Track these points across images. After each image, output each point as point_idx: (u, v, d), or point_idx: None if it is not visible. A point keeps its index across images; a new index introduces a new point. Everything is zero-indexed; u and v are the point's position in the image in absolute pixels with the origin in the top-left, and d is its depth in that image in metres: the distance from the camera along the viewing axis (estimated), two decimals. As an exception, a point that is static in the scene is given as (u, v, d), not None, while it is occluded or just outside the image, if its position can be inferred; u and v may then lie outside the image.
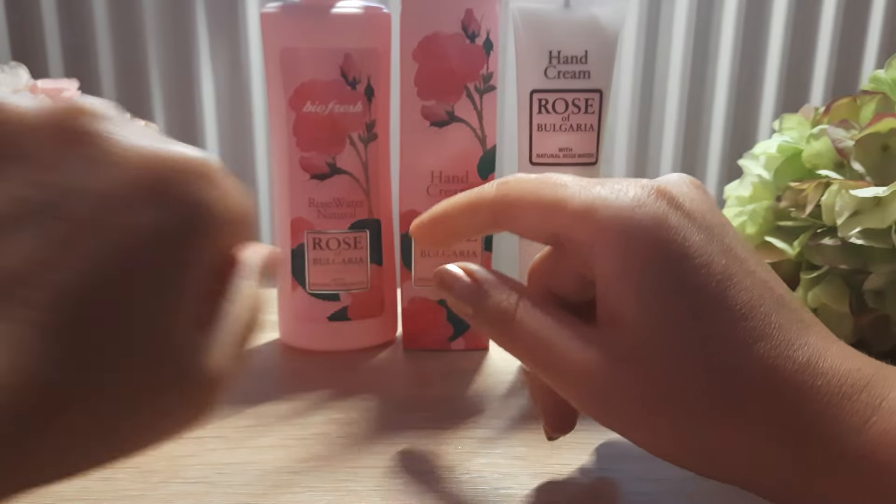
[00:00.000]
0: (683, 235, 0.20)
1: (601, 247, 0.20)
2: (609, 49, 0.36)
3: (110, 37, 0.61)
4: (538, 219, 0.22)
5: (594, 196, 0.21)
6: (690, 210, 0.20)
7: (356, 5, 0.36)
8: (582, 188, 0.22)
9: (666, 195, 0.21)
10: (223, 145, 0.64)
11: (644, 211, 0.20)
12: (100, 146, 0.15)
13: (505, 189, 0.23)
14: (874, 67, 0.64)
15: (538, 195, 0.22)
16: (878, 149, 0.38)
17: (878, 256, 0.37)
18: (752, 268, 0.20)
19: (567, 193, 0.22)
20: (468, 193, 0.24)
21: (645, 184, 0.21)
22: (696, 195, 0.21)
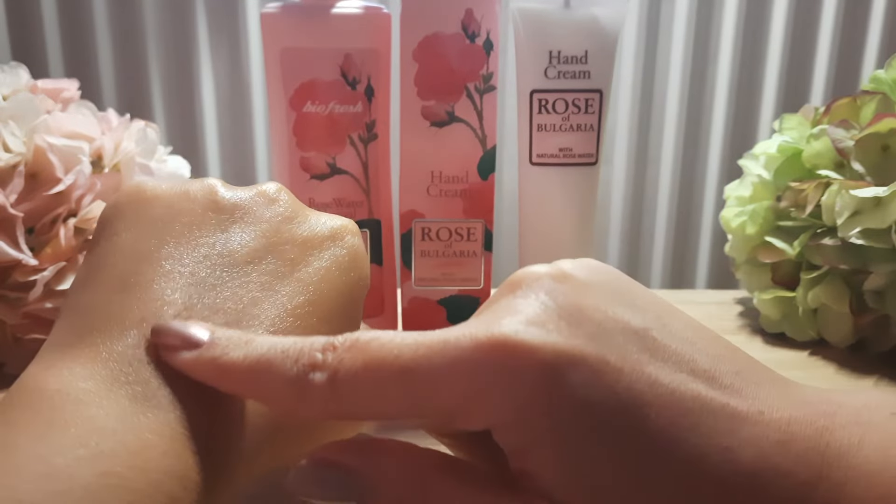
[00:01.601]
0: (568, 386, 0.16)
1: (499, 428, 0.17)
2: (609, 49, 0.36)
3: (110, 37, 0.61)
4: (403, 407, 0.17)
5: (457, 368, 0.17)
6: (560, 349, 0.17)
7: (356, 5, 0.36)
8: (440, 369, 0.17)
9: (526, 350, 0.17)
10: (223, 145, 0.64)
11: (516, 383, 0.16)
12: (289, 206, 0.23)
13: (345, 377, 0.17)
14: (874, 68, 0.64)
15: (393, 382, 0.17)
16: (878, 149, 0.38)
17: (878, 256, 0.37)
18: (652, 369, 0.17)
19: (428, 373, 0.17)
20: (283, 382, 0.17)
21: (504, 341, 0.17)
22: (556, 309, 0.18)
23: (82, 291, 0.20)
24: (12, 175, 0.34)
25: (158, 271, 0.19)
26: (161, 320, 0.18)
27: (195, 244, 0.20)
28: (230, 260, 0.20)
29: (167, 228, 0.20)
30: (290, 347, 0.17)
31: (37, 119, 0.36)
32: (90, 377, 0.17)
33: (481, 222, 0.38)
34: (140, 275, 0.19)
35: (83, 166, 0.36)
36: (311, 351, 0.17)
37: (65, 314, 0.20)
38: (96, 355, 0.18)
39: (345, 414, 0.17)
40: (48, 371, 0.17)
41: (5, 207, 0.34)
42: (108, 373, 0.17)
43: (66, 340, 0.18)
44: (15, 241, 0.34)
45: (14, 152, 0.35)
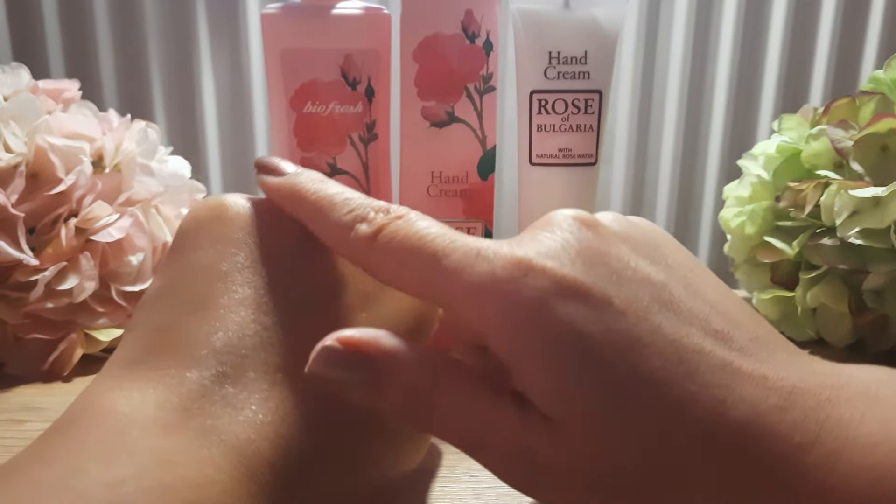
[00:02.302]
0: (568, 315, 0.17)
1: (495, 341, 0.18)
2: (609, 49, 0.36)
3: (111, 38, 0.61)
4: (419, 290, 0.19)
5: (474, 277, 0.18)
6: (569, 278, 0.17)
7: (356, 6, 0.36)
8: (461, 265, 0.18)
9: (539, 271, 0.18)
10: (224, 146, 0.64)
11: (521, 299, 0.17)
12: None
13: (380, 245, 0.19)
14: (873, 68, 0.64)
15: (416, 263, 0.18)
16: (877, 149, 0.38)
17: (876, 256, 0.37)
18: (659, 319, 0.18)
19: (447, 267, 0.18)
20: (332, 229, 0.19)
21: (518, 263, 0.18)
22: (575, 246, 0.18)
23: (156, 307, 0.20)
24: (13, 175, 0.35)
25: (234, 297, 0.19)
26: (238, 351, 0.19)
27: (275, 272, 0.20)
28: (310, 294, 0.20)
29: (248, 251, 0.20)
30: (353, 198, 0.20)
31: (38, 119, 0.36)
32: (160, 405, 0.17)
33: (481, 222, 0.38)
34: (215, 299, 0.19)
35: (84, 166, 0.36)
36: (367, 207, 0.19)
37: (136, 327, 0.19)
38: (168, 381, 0.18)
39: (375, 269, 0.19)
40: (118, 391, 0.18)
41: (6, 207, 0.34)
42: (178, 401, 0.17)
43: (137, 357, 0.19)
44: (16, 241, 0.34)
45: (15, 152, 0.35)
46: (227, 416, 0.18)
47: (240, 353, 0.19)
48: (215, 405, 0.18)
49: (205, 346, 0.18)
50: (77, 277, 0.35)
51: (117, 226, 0.36)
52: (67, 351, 0.36)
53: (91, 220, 0.36)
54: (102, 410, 0.17)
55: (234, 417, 0.18)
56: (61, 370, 0.36)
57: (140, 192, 0.38)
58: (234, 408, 0.18)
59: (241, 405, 0.18)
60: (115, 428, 0.17)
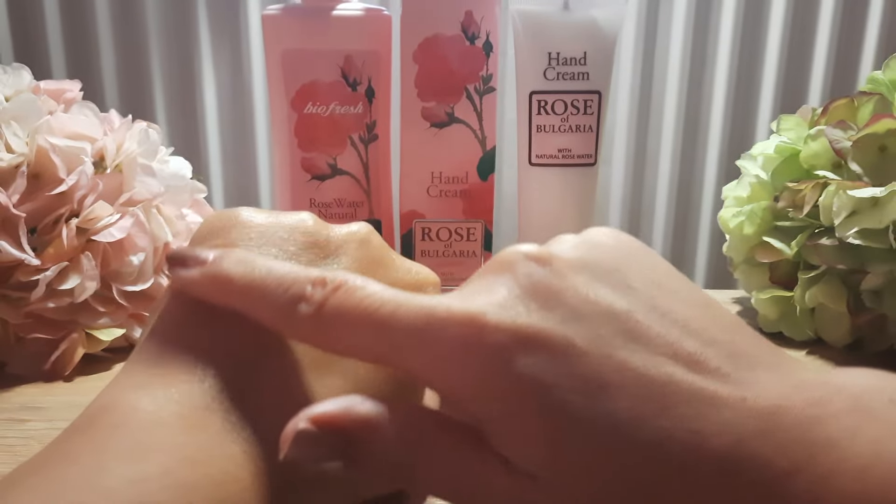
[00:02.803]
0: (529, 368, 0.16)
1: (460, 401, 0.17)
2: (608, 51, 0.36)
3: (112, 38, 0.62)
4: (375, 357, 0.18)
5: (432, 346, 0.17)
6: (524, 329, 0.17)
7: (357, 7, 0.36)
8: (416, 334, 0.17)
9: (493, 329, 0.17)
10: (225, 146, 0.65)
11: (480, 360, 0.17)
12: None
13: (327, 314, 0.18)
14: (872, 69, 0.64)
15: (369, 330, 0.17)
16: (876, 149, 0.38)
17: (875, 256, 0.37)
18: (624, 354, 0.17)
19: (401, 336, 0.17)
20: (273, 306, 0.18)
21: (473, 319, 0.17)
22: (528, 291, 0.18)
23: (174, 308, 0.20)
24: (15, 175, 0.35)
25: None
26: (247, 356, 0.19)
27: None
28: None
29: (260, 254, 0.20)
30: (285, 276, 0.18)
31: (39, 120, 0.36)
32: (182, 403, 0.17)
33: (481, 222, 0.38)
34: None
35: (85, 167, 0.36)
36: (303, 283, 0.18)
37: (156, 328, 0.20)
38: (190, 379, 0.18)
39: (326, 347, 0.18)
40: (141, 390, 0.18)
41: (8, 208, 0.34)
42: (200, 399, 0.18)
43: (158, 357, 0.19)
44: (17, 241, 0.34)
45: (17, 153, 0.35)
46: (249, 414, 0.18)
47: (258, 351, 0.19)
48: (236, 403, 0.18)
49: (222, 348, 0.19)
50: (78, 277, 0.35)
51: (118, 226, 0.36)
52: (69, 351, 0.36)
53: (92, 220, 0.36)
54: (125, 409, 0.17)
55: (257, 414, 0.18)
56: (62, 370, 0.36)
57: (141, 193, 0.38)
58: (255, 404, 0.18)
59: (261, 402, 0.18)
60: (139, 426, 0.17)
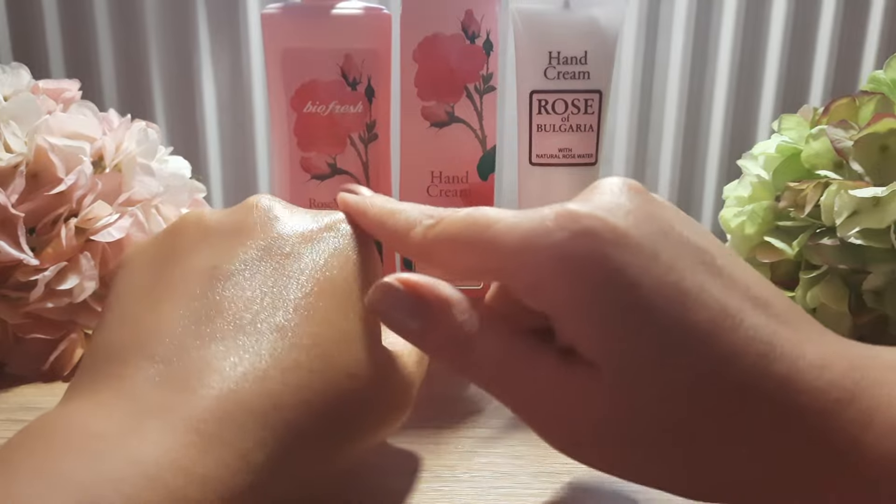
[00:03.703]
0: (621, 263, 0.18)
1: (543, 290, 0.19)
2: (608, 49, 0.36)
3: (111, 37, 0.61)
4: (472, 265, 0.20)
5: (523, 235, 0.19)
6: (621, 229, 0.18)
7: (356, 6, 0.36)
8: (509, 226, 0.19)
9: (593, 220, 0.19)
10: (224, 146, 0.64)
11: (575, 246, 0.18)
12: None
13: (432, 235, 0.21)
14: (873, 68, 0.64)
15: (467, 238, 0.20)
16: (877, 149, 0.38)
17: (876, 256, 0.37)
18: (703, 278, 0.18)
19: (494, 233, 0.19)
20: (392, 235, 0.22)
21: (571, 214, 0.19)
22: (627, 205, 0.19)
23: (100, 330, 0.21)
24: (13, 175, 0.35)
25: (160, 305, 0.20)
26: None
27: (191, 267, 0.21)
28: (229, 271, 0.21)
29: (166, 263, 0.21)
30: (408, 209, 0.22)
31: (38, 119, 0.36)
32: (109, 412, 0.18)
33: (481, 222, 0.38)
34: (153, 303, 0.20)
35: (84, 166, 0.36)
36: (420, 214, 0.22)
37: (95, 341, 0.20)
38: (120, 386, 0.18)
39: (431, 258, 0.21)
40: (71, 405, 0.18)
41: (6, 207, 0.34)
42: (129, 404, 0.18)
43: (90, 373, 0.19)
44: (16, 241, 0.34)
45: (15, 152, 0.35)
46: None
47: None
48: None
49: (145, 345, 0.19)
50: (77, 277, 0.35)
51: (117, 226, 0.36)
52: (68, 351, 0.36)
53: (91, 220, 0.36)
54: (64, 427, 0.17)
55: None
56: (61, 370, 0.36)
57: (140, 192, 0.38)
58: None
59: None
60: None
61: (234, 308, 0.19)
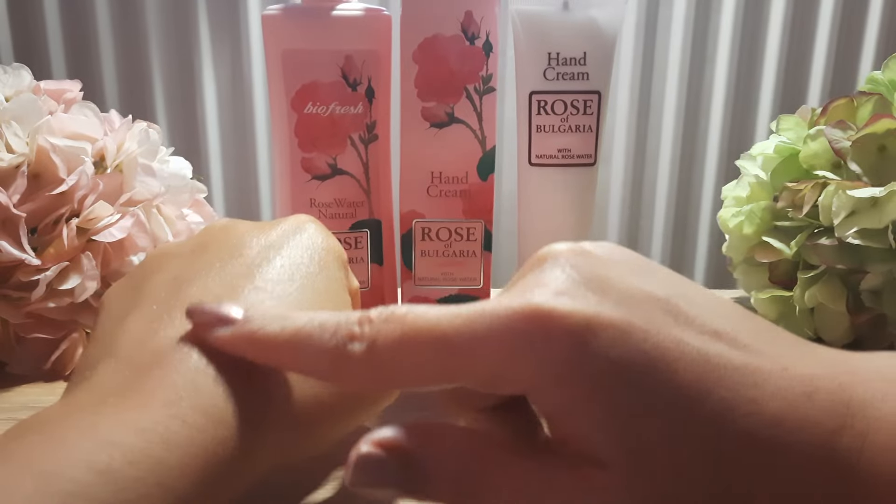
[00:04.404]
0: (601, 350, 0.17)
1: (535, 400, 0.18)
2: (607, 51, 0.36)
3: (113, 38, 0.62)
4: (440, 376, 0.18)
5: (500, 343, 0.17)
6: (589, 314, 0.17)
7: (357, 7, 0.36)
8: (481, 337, 0.17)
9: (560, 316, 0.17)
10: (225, 146, 0.65)
11: (558, 352, 0.17)
12: None
13: (382, 348, 0.18)
14: (871, 69, 0.64)
15: (431, 351, 0.17)
16: (875, 149, 0.38)
17: (874, 256, 0.37)
18: (677, 332, 0.18)
19: (465, 342, 0.17)
20: (320, 352, 0.18)
21: (537, 310, 0.17)
22: (581, 278, 0.18)
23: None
24: (15, 175, 0.35)
25: (134, 313, 0.21)
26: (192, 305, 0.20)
27: (155, 282, 0.22)
28: (189, 278, 0.22)
29: (135, 288, 0.23)
30: (327, 320, 0.18)
31: (39, 120, 0.36)
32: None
33: (481, 222, 0.38)
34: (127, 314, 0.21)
35: (86, 167, 0.36)
36: (348, 323, 0.18)
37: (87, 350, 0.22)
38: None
39: (383, 383, 0.18)
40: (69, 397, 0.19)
41: (8, 208, 0.34)
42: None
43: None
44: (18, 241, 0.34)
45: (17, 153, 0.35)
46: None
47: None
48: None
49: (116, 349, 0.20)
50: (79, 277, 0.35)
51: (119, 226, 0.36)
52: (69, 350, 0.36)
53: (93, 220, 0.36)
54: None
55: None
56: (63, 369, 0.36)
57: (141, 193, 0.38)
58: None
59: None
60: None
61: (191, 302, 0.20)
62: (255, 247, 0.23)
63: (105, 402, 0.17)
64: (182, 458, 0.16)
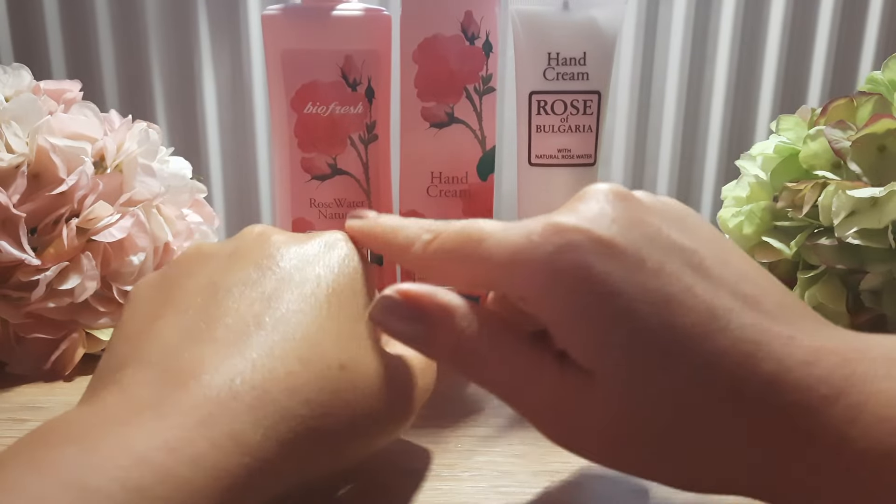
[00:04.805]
0: (604, 273, 0.18)
1: (535, 302, 0.19)
2: (607, 50, 0.36)
3: (113, 38, 0.62)
4: (467, 277, 0.21)
5: (512, 250, 0.20)
6: (605, 239, 0.19)
7: (357, 7, 0.36)
8: (499, 241, 0.20)
9: (577, 233, 0.19)
10: (225, 146, 0.65)
11: (560, 260, 0.19)
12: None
13: (430, 251, 0.22)
14: (871, 69, 0.64)
15: (461, 254, 0.21)
16: (875, 149, 0.38)
17: (874, 256, 0.37)
18: (691, 281, 0.19)
19: (486, 248, 0.20)
20: (395, 251, 0.23)
21: (556, 227, 0.19)
22: (611, 213, 0.20)
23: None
24: (15, 175, 0.35)
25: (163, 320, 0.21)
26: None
27: (190, 286, 0.22)
28: (225, 286, 0.22)
29: (167, 288, 0.23)
30: (410, 225, 0.23)
31: (39, 120, 0.36)
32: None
33: (481, 222, 0.38)
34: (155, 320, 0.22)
35: (85, 167, 0.36)
36: (421, 230, 0.22)
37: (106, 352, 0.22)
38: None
39: (429, 271, 0.22)
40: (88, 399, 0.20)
41: (8, 208, 0.34)
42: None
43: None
44: (18, 241, 0.34)
45: (17, 153, 0.35)
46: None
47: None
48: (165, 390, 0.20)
49: (138, 356, 0.21)
50: (78, 277, 0.35)
51: (119, 226, 0.36)
52: (69, 350, 0.36)
53: (92, 220, 0.36)
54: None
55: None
56: (63, 369, 0.36)
57: (141, 193, 0.38)
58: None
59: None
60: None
61: (228, 318, 0.20)
62: (289, 260, 0.23)
63: (140, 416, 0.17)
64: (207, 479, 0.17)
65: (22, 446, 0.17)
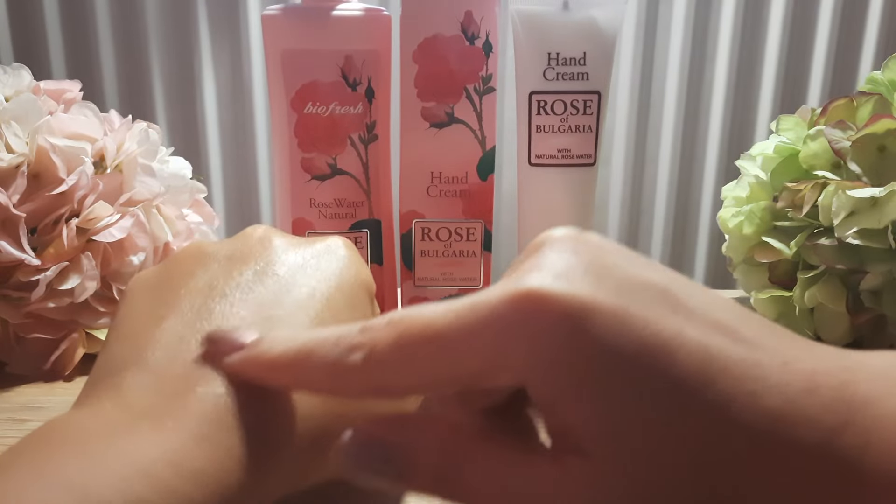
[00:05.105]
0: (597, 336, 0.17)
1: (531, 389, 0.17)
2: (607, 51, 0.36)
3: (112, 38, 0.62)
4: (436, 374, 0.18)
5: (481, 328, 0.17)
6: (586, 298, 0.17)
7: (357, 7, 0.36)
8: (461, 325, 0.17)
9: (556, 301, 0.17)
10: (225, 146, 0.65)
11: (551, 338, 0.17)
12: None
13: (380, 350, 0.17)
14: (871, 69, 0.64)
15: (425, 348, 0.17)
16: (875, 149, 0.38)
17: (874, 256, 0.37)
18: (677, 321, 0.17)
19: (459, 335, 0.17)
20: (323, 364, 0.18)
21: (531, 296, 0.17)
22: (580, 264, 0.18)
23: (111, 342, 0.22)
24: (15, 175, 0.35)
25: (167, 321, 0.21)
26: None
27: (189, 288, 0.22)
28: (224, 290, 0.22)
29: (166, 287, 0.22)
30: (329, 334, 0.18)
31: (39, 120, 0.36)
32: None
33: (480, 222, 0.38)
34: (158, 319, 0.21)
35: (85, 167, 0.36)
36: (350, 334, 0.18)
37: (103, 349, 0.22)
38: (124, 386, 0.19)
39: (382, 389, 0.18)
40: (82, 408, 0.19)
41: (8, 208, 0.34)
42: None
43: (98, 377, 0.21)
44: (17, 241, 0.34)
45: (17, 153, 0.35)
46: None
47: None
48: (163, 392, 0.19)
49: (146, 357, 0.20)
50: (78, 277, 0.35)
51: (119, 226, 0.36)
52: (69, 350, 0.36)
53: (92, 220, 0.36)
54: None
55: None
56: (63, 369, 0.36)
57: (141, 193, 0.38)
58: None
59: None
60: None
61: (227, 323, 0.20)
62: (287, 267, 0.23)
63: (139, 425, 0.17)
64: (205, 493, 0.17)
65: (22, 449, 0.17)
